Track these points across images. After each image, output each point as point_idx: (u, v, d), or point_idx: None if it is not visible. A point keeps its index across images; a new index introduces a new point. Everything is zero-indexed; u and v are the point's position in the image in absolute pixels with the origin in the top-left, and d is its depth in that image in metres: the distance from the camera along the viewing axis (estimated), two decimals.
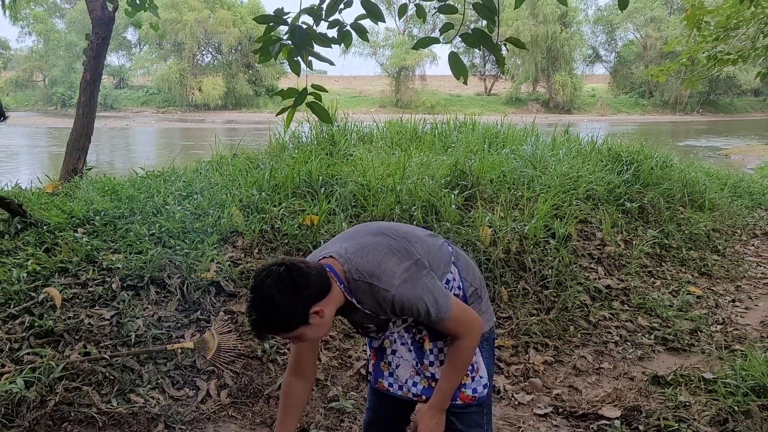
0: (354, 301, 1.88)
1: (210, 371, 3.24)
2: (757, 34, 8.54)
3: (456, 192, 5.17)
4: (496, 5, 3.33)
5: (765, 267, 6.36)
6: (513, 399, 3.54)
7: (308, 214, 4.40)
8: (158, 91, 49.18)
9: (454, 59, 3.22)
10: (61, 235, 3.90)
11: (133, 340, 3.24)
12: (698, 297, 5.21)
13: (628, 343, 4.30)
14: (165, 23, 41.96)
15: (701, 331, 4.54)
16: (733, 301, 5.32)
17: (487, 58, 51.01)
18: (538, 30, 46.66)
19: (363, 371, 3.51)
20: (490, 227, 4.75)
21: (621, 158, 6.97)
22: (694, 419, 3.22)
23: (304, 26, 3.19)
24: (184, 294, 3.60)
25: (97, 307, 3.40)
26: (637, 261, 5.45)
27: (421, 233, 2.08)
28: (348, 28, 3.33)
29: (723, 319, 4.86)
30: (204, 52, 51.01)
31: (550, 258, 4.80)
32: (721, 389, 3.42)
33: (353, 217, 4.70)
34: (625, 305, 4.81)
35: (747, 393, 3.33)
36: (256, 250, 4.11)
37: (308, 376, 2.12)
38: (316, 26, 3.29)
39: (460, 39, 3.40)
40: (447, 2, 3.39)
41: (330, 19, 3.30)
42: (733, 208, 7.91)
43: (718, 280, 5.75)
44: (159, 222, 4.14)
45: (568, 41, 48.57)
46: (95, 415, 2.80)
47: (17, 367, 2.92)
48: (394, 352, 2.09)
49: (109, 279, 3.56)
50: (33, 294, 3.35)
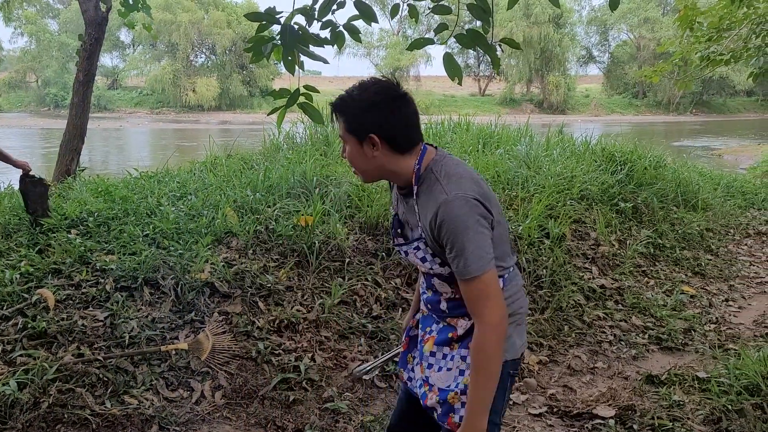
0: (415, 187, 1.82)
1: (204, 372, 3.23)
2: (749, 34, 8.57)
3: None
4: (491, 6, 3.34)
5: (758, 266, 6.39)
6: (508, 399, 3.54)
7: (303, 215, 4.39)
8: (152, 92, 49.09)
9: (448, 60, 3.23)
10: (55, 236, 3.89)
11: (126, 341, 3.23)
12: (692, 296, 5.23)
13: (623, 343, 4.31)
14: (159, 24, 41.92)
15: (695, 331, 4.56)
16: (727, 300, 5.34)
17: (481, 58, 51.09)
18: (531, 31, 46.81)
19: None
20: None
21: (615, 158, 6.99)
22: (688, 418, 3.23)
23: (296, 26, 3.19)
24: (178, 295, 3.59)
25: (90, 309, 3.38)
26: (631, 261, 5.47)
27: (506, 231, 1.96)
28: (341, 28, 3.34)
29: (716, 318, 4.88)
30: (198, 53, 50.95)
31: (544, 258, 4.81)
32: (714, 388, 3.43)
33: (347, 217, 4.70)
34: (619, 305, 4.83)
35: (740, 392, 3.34)
36: (251, 251, 4.10)
37: None
38: (309, 26, 3.28)
39: (454, 39, 3.41)
40: (441, 3, 3.39)
41: (323, 19, 3.30)
42: (726, 207, 7.94)
43: (711, 280, 5.77)
44: (153, 223, 4.13)
45: (561, 42, 48.72)
46: (89, 416, 2.79)
47: (10, 369, 2.90)
48: (418, 348, 2.04)
49: (102, 280, 3.55)
50: (26, 295, 3.33)
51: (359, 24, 3.45)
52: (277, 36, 3.26)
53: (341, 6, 3.33)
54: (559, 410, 3.44)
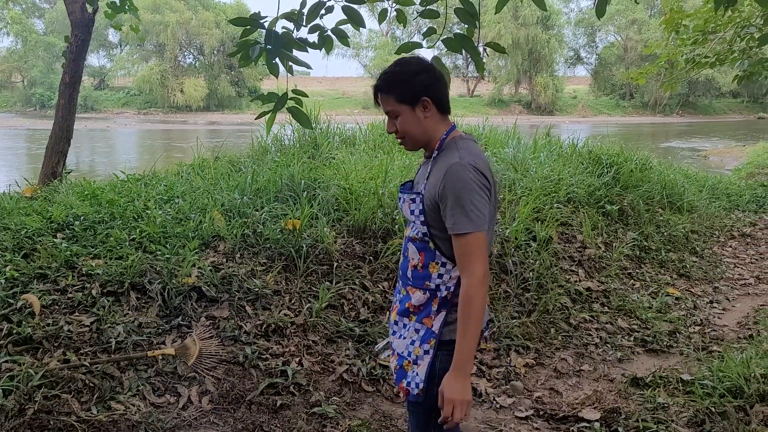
0: (436, 152, 2.04)
1: (191, 377, 3.22)
2: (733, 37, 8.66)
3: None
4: (477, 9, 3.36)
5: (742, 268, 6.46)
6: (494, 402, 3.56)
7: (290, 219, 4.39)
8: (139, 93, 48.79)
9: (437, 64, 3.24)
10: (40, 240, 3.86)
11: (113, 346, 3.21)
12: (677, 298, 5.28)
13: (608, 345, 4.34)
14: (146, 24, 41.69)
15: (680, 333, 4.61)
16: (711, 302, 5.40)
17: (469, 60, 51.14)
18: (519, 32, 46.96)
19: (346, 376, 3.52)
20: None
21: (601, 161, 7.04)
22: (672, 420, 3.26)
23: (281, 31, 3.20)
24: (165, 299, 3.58)
25: (76, 314, 3.36)
26: (617, 263, 5.51)
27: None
28: (329, 33, 3.34)
29: (701, 320, 4.93)
30: (186, 54, 50.70)
31: (531, 261, 4.84)
32: (698, 390, 3.47)
33: (335, 221, 4.70)
34: (606, 307, 4.87)
35: (723, 394, 3.38)
36: (238, 255, 4.10)
37: None
38: (297, 31, 3.29)
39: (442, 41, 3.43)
40: (429, 7, 3.41)
41: (311, 24, 3.31)
42: (711, 209, 8.03)
43: (696, 282, 5.83)
44: (140, 227, 4.11)
45: (549, 43, 48.92)
46: (75, 423, 2.78)
47: None
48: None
49: (88, 285, 3.53)
50: (11, 301, 3.31)
51: (347, 27, 3.46)
52: (263, 40, 3.26)
53: (329, 11, 3.33)
54: (546, 413, 3.46)
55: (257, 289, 3.82)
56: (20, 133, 32.31)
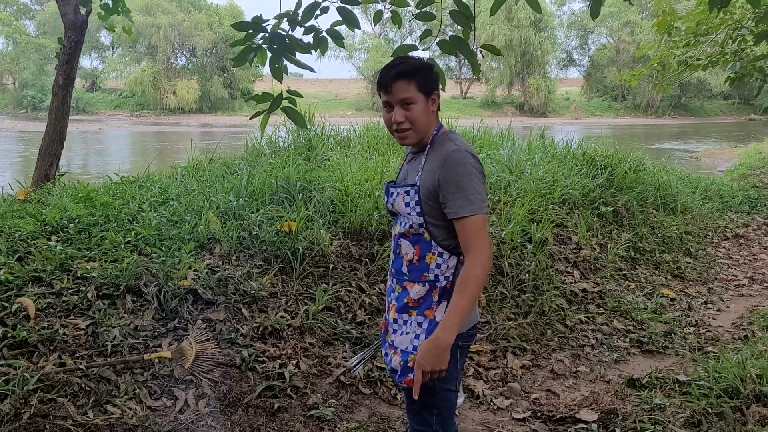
0: (429, 146, 2.09)
1: (188, 381, 3.21)
2: (725, 39, 8.71)
3: None
4: (473, 12, 3.36)
5: (736, 269, 6.50)
6: (492, 404, 3.56)
7: (286, 221, 4.38)
8: (132, 95, 48.65)
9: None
10: (34, 243, 3.83)
11: (109, 350, 3.19)
12: (672, 299, 5.29)
13: (604, 346, 4.35)
14: (139, 26, 41.57)
15: (675, 333, 4.62)
16: (706, 303, 5.42)
17: (462, 62, 51.28)
18: (512, 34, 47.11)
19: (343, 378, 3.51)
20: None
21: (595, 162, 7.07)
22: (669, 421, 3.27)
23: (283, 33, 3.20)
24: (161, 302, 3.56)
25: (72, 317, 3.34)
26: (612, 264, 5.53)
27: None
28: (324, 34, 3.34)
29: (696, 321, 4.95)
30: (178, 55, 50.58)
31: (527, 262, 4.85)
32: (694, 391, 3.48)
33: (331, 223, 4.69)
34: (601, 308, 4.88)
35: (720, 395, 3.39)
36: (234, 257, 4.08)
37: None
38: (292, 32, 3.29)
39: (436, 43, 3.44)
40: (425, 9, 3.42)
41: (306, 25, 3.31)
42: (705, 210, 8.07)
43: (690, 283, 5.85)
44: (135, 229, 4.09)
45: (542, 45, 49.09)
46: (71, 427, 2.76)
47: None
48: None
49: (84, 288, 3.51)
50: (6, 304, 3.28)
51: (342, 28, 3.46)
52: (261, 42, 3.26)
53: (324, 11, 3.33)
54: (543, 415, 3.47)
55: (253, 292, 3.80)
56: (12, 135, 32.14)
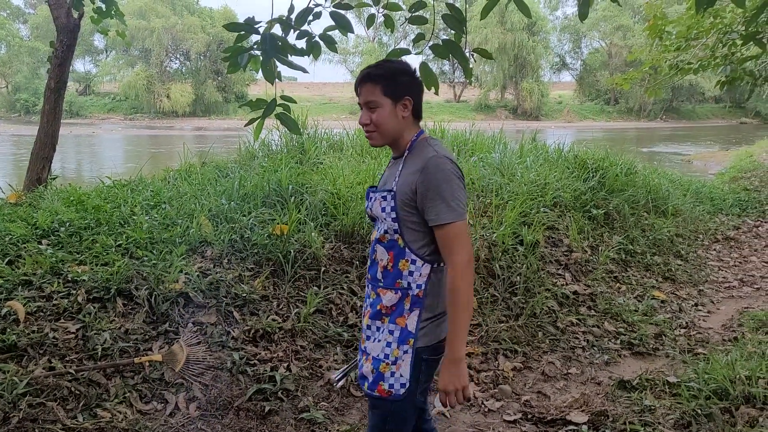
0: (407, 152, 2.10)
1: (179, 384, 3.21)
2: (716, 44, 8.75)
3: None
4: (465, 16, 3.38)
5: (726, 271, 6.53)
6: (483, 406, 3.57)
7: (278, 224, 4.38)
8: (125, 98, 48.51)
9: (425, 70, 3.26)
10: (25, 247, 3.82)
11: (99, 353, 3.19)
12: (662, 301, 5.32)
13: (595, 348, 4.37)
14: (132, 30, 41.50)
15: (665, 335, 4.64)
16: (696, 305, 5.45)
17: (456, 65, 51.39)
18: (506, 38, 47.26)
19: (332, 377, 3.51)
20: None
21: (587, 165, 7.09)
22: (659, 423, 3.28)
23: (276, 35, 3.20)
24: (151, 306, 3.56)
25: (62, 321, 3.33)
26: (603, 267, 5.55)
27: None
28: (317, 39, 3.35)
29: (686, 323, 4.98)
30: (172, 59, 50.51)
31: (518, 265, 4.86)
32: (684, 393, 3.49)
33: (323, 226, 4.70)
34: (592, 310, 4.90)
35: (709, 396, 3.41)
36: (226, 261, 4.08)
37: None
38: (286, 36, 3.29)
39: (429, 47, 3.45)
40: (417, 14, 3.43)
41: (299, 29, 3.31)
42: (696, 213, 8.10)
43: (681, 285, 5.88)
44: (126, 232, 4.09)
45: (535, 49, 49.27)
46: (60, 431, 2.75)
47: None
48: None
49: (74, 291, 3.50)
50: None
51: (335, 33, 3.47)
52: (254, 45, 3.26)
53: (317, 17, 3.34)
54: (534, 416, 3.48)
55: (245, 295, 3.80)
56: (4, 138, 31.99)
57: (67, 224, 4.16)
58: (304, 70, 3.34)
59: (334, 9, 3.29)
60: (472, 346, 4.10)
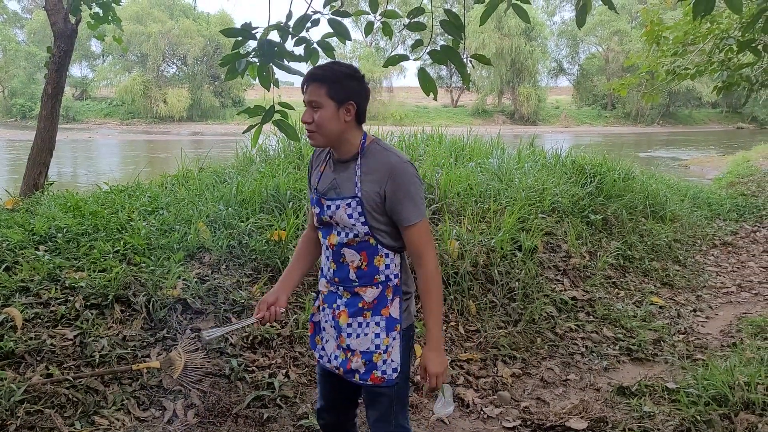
0: (360, 156, 2.12)
1: (177, 391, 3.19)
2: (713, 49, 8.78)
3: None
4: (463, 22, 3.38)
5: (724, 276, 6.54)
6: (482, 412, 3.56)
7: (276, 230, 4.38)
8: (122, 103, 48.46)
9: (423, 76, 3.27)
10: (22, 253, 3.81)
11: (97, 360, 3.17)
12: (661, 307, 5.32)
13: (594, 354, 4.36)
14: (129, 35, 41.49)
15: (664, 341, 4.64)
16: (695, 310, 5.45)
17: (453, 70, 51.47)
18: (503, 43, 47.36)
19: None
20: (458, 241, 4.79)
21: (585, 171, 7.10)
22: (659, 429, 3.28)
23: (273, 41, 3.20)
24: (149, 312, 3.54)
25: (59, 327, 3.32)
26: (602, 272, 5.55)
27: None
28: (315, 45, 3.35)
29: (685, 328, 4.97)
30: (169, 63, 50.51)
31: (517, 270, 4.86)
32: (683, 399, 3.49)
33: None
34: (591, 316, 4.89)
35: (708, 402, 3.41)
36: (224, 267, 4.07)
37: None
38: (284, 42, 3.30)
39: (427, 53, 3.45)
40: (416, 20, 3.43)
41: (297, 36, 3.31)
42: (693, 218, 8.12)
43: (679, 290, 5.88)
44: (124, 238, 4.08)
45: (532, 54, 49.39)
46: None
47: None
48: (324, 329, 2.31)
49: (72, 298, 3.49)
50: None
51: (333, 39, 3.47)
52: (252, 51, 3.26)
53: (315, 24, 3.34)
54: (533, 423, 3.47)
55: (243, 301, 3.79)
56: (1, 144, 31.93)
57: (65, 230, 4.15)
58: (302, 74, 3.34)
59: (332, 17, 3.30)
60: (470, 352, 4.09)
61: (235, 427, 3.10)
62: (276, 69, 3.32)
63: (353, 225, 2.11)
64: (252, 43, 3.20)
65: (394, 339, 2.17)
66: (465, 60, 3.47)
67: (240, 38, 3.22)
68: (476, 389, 3.79)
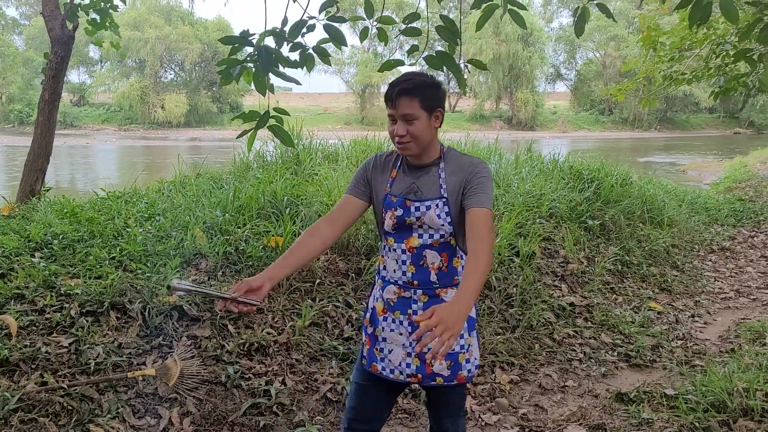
0: (443, 161, 2.23)
1: (172, 399, 3.17)
2: (709, 54, 8.80)
3: None
4: (459, 28, 3.38)
5: (722, 282, 6.53)
6: (480, 419, 3.54)
7: (273, 236, 4.36)
8: (120, 109, 48.50)
9: None
10: (18, 260, 3.79)
11: (92, 368, 3.15)
12: (659, 313, 5.31)
13: (592, 361, 4.35)
14: (127, 41, 41.53)
15: (662, 347, 4.63)
16: (693, 316, 5.43)
17: (450, 75, 51.56)
18: (500, 48, 47.50)
19: (330, 395, 3.48)
20: None
21: (582, 176, 7.10)
22: None
23: (270, 48, 3.19)
24: (145, 319, 3.53)
25: (54, 335, 3.30)
26: (600, 278, 5.54)
27: None
28: (310, 51, 3.34)
29: (683, 334, 4.96)
30: (166, 69, 50.55)
31: (514, 276, 4.85)
32: (682, 405, 3.48)
33: None
34: (589, 322, 4.88)
35: (707, 409, 3.39)
36: (220, 273, 4.06)
37: (329, 236, 2.28)
38: (279, 48, 3.29)
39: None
40: (411, 25, 3.43)
41: (293, 41, 3.30)
42: (691, 224, 8.11)
43: (677, 296, 5.87)
44: (120, 245, 4.06)
45: (530, 60, 49.52)
46: None
47: None
48: (384, 339, 2.29)
49: (67, 305, 3.47)
50: None
51: (329, 45, 3.46)
52: (248, 58, 3.25)
53: (311, 29, 3.33)
54: (531, 430, 3.45)
55: None
56: None
57: (61, 237, 4.13)
58: (297, 82, 3.33)
59: (328, 22, 3.29)
60: None
61: None
62: (272, 76, 3.31)
63: (442, 225, 2.19)
64: (248, 48, 3.19)
65: (473, 337, 2.28)
66: (461, 65, 3.46)
67: (237, 45, 3.22)
68: (474, 396, 3.77)
